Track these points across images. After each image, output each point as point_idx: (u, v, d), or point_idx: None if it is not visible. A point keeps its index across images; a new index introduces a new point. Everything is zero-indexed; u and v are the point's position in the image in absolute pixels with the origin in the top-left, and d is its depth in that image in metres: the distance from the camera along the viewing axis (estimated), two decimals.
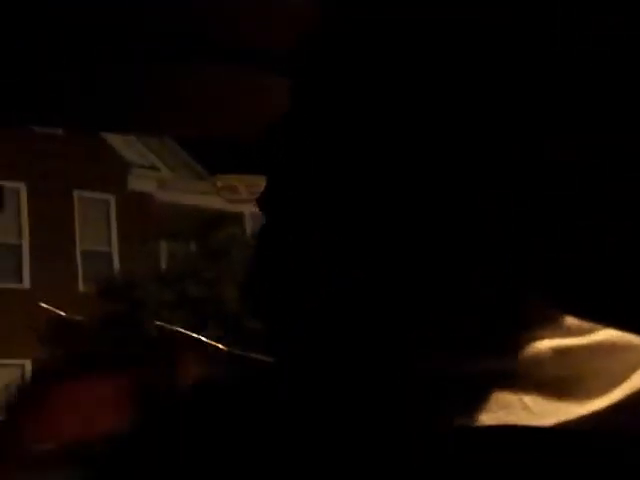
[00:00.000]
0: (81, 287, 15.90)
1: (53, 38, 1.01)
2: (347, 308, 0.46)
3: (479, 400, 0.42)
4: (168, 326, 11.39)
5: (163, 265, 16.41)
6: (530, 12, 0.41)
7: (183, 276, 14.50)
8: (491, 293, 0.43)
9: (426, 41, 0.43)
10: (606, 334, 0.45)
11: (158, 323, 10.69)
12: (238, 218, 18.00)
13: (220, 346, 4.00)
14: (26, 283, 15.60)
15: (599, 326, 0.45)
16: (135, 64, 1.06)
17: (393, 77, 0.44)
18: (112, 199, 16.97)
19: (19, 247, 15.70)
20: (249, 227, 17.77)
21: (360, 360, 0.46)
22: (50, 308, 9.94)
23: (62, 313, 10.63)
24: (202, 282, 14.30)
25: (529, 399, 0.43)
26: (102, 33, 1.03)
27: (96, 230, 16.82)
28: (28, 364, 15.38)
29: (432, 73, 0.43)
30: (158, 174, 17.57)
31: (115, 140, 16.67)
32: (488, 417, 0.42)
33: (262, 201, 0.50)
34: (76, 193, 16.45)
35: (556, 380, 0.44)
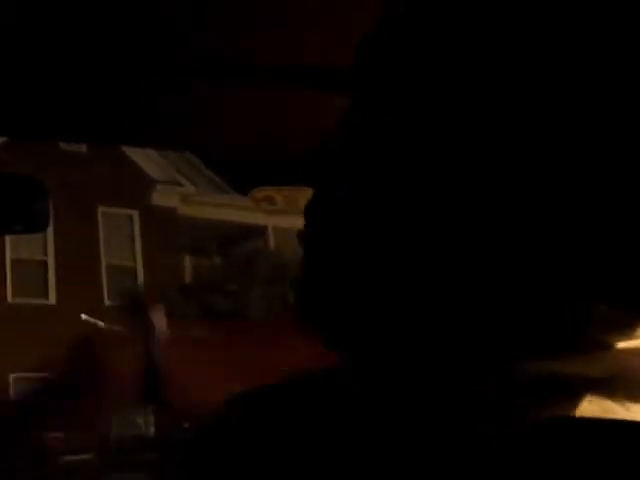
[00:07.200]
0: (106, 302, 15.96)
1: (89, 50, 1.01)
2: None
3: (541, 403, 0.41)
4: None
5: (187, 279, 16.44)
6: None
7: (208, 289, 14.52)
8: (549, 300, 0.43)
9: None
10: None
11: None
12: (261, 231, 18.00)
13: None
14: (52, 299, 15.68)
15: None
16: (180, 80, 1.04)
17: None
18: (136, 214, 17.04)
19: (44, 263, 15.80)
20: (272, 240, 17.77)
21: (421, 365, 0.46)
22: (91, 319, 10.02)
23: (101, 323, 10.75)
24: (227, 295, 14.30)
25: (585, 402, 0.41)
26: (144, 49, 1.02)
27: (120, 245, 16.88)
28: None
29: None
30: (181, 189, 17.63)
31: (138, 156, 16.76)
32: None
33: (309, 209, 0.50)
34: (100, 209, 16.55)
35: (607, 382, 0.43)
